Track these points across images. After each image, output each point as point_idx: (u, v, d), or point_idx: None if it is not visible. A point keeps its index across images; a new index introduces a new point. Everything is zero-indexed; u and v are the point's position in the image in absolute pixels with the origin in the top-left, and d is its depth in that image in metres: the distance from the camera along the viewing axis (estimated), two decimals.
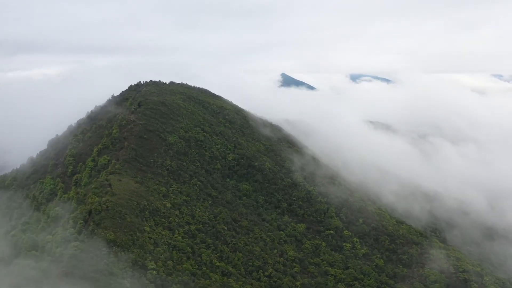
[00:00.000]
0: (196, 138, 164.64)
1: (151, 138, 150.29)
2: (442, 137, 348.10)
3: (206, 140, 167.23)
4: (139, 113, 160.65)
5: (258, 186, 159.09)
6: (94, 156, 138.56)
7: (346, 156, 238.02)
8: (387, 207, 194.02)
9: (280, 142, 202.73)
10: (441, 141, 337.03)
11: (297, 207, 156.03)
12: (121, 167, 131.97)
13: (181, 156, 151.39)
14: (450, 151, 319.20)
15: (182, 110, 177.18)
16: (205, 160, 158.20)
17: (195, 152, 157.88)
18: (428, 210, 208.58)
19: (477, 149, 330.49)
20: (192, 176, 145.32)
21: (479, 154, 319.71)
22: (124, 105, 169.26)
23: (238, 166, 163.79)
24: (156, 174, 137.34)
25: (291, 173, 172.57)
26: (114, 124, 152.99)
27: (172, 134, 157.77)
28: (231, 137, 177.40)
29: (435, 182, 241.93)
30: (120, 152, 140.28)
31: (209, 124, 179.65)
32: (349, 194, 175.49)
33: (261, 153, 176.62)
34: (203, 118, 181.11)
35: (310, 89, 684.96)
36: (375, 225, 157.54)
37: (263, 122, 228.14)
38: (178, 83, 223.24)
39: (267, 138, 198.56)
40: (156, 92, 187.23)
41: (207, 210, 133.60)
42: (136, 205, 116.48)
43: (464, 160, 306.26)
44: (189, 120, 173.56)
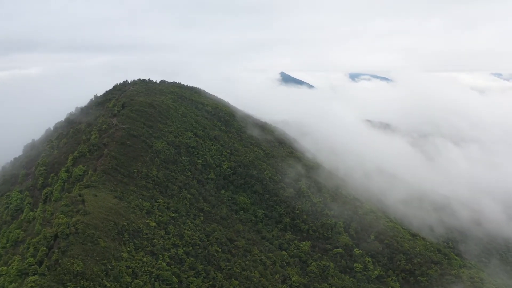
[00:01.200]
0: (187, 144, 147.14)
1: (135, 145, 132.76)
2: (443, 137, 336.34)
3: (198, 146, 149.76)
4: (123, 115, 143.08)
5: (257, 198, 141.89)
6: (69, 166, 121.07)
7: (348, 159, 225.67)
8: (396, 216, 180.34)
9: (281, 147, 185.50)
10: (443, 141, 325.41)
11: (301, 222, 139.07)
12: (99, 179, 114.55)
13: (170, 165, 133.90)
14: (454, 153, 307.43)
15: (172, 112, 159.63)
16: (197, 169, 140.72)
17: (185, 160, 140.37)
18: (438, 218, 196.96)
19: (481, 150, 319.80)
20: (182, 188, 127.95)
21: (484, 156, 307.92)
22: (106, 106, 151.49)
23: (235, 175, 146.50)
24: (140, 186, 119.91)
25: (294, 182, 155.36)
26: (93, 128, 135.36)
27: (159, 140, 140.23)
28: (227, 142, 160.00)
29: (442, 186, 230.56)
30: (99, 161, 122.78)
31: (202, 127, 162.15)
32: (358, 206, 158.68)
33: (261, 160, 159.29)
34: (196, 121, 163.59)
35: (310, 88, 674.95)
36: (388, 241, 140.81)
37: (263, 124, 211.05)
38: (169, 82, 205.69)
39: (267, 142, 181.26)
40: (143, 92, 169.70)
41: (198, 229, 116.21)
42: (113, 226, 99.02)
43: (469, 163, 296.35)
44: (180, 124, 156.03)
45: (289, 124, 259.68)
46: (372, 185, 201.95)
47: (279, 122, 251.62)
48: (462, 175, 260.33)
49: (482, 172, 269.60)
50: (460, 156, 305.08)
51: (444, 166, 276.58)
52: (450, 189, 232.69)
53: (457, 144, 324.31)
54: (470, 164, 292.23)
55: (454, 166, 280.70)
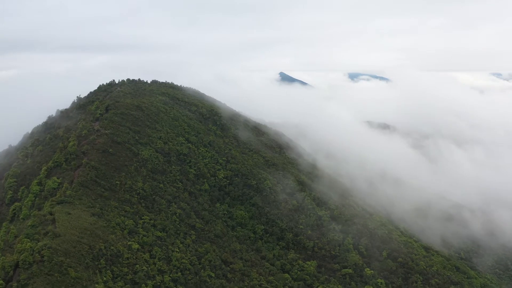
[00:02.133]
0: (178, 151, 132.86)
1: (118, 153, 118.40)
2: (445, 137, 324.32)
3: (191, 153, 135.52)
4: (106, 119, 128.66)
5: (256, 212, 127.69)
6: (42, 178, 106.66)
7: (351, 164, 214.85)
8: (404, 226, 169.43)
9: (282, 153, 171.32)
10: (446, 143, 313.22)
11: (305, 238, 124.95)
12: (74, 193, 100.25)
13: (158, 176, 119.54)
14: (458, 156, 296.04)
15: (162, 116, 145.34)
16: (189, 180, 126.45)
17: (176, 170, 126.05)
18: (449, 227, 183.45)
19: (485, 152, 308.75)
20: (171, 202, 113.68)
21: (489, 159, 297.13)
22: (88, 109, 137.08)
23: (231, 185, 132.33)
24: (122, 201, 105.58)
25: (297, 193, 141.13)
26: (72, 134, 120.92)
27: (146, 147, 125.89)
28: (223, 148, 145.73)
29: (449, 192, 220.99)
30: (76, 172, 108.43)
31: (196, 132, 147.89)
32: (367, 218, 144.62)
33: (260, 168, 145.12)
34: (189, 125, 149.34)
35: (309, 88, 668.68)
36: (403, 259, 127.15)
37: (262, 128, 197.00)
38: (161, 82, 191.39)
39: (268, 148, 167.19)
40: (131, 93, 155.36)
41: (188, 250, 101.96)
42: (87, 251, 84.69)
43: (474, 166, 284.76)
44: (170, 128, 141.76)
45: (289, 126, 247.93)
46: (378, 193, 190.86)
47: (279, 125, 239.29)
48: (468, 180, 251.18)
49: (488, 176, 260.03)
50: (464, 159, 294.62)
51: (449, 169, 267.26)
52: (457, 195, 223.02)
53: (460, 146, 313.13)
54: (475, 168, 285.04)
55: (459, 170, 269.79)
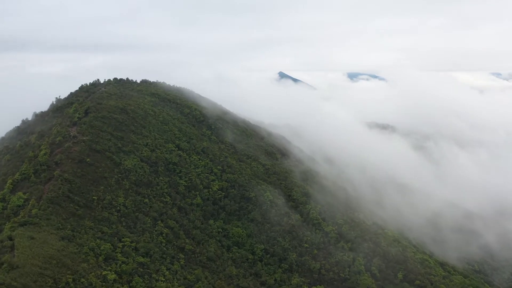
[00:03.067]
0: (167, 160, 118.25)
1: (97, 163, 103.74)
2: (446, 138, 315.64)
3: (181, 162, 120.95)
4: (84, 124, 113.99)
5: (255, 229, 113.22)
6: (5, 193, 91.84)
7: (353, 168, 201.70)
8: (415, 238, 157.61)
9: (283, 158, 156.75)
10: (448, 145, 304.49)
11: (310, 259, 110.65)
12: (42, 212, 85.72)
13: (142, 189, 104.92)
14: (462, 158, 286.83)
15: (149, 119, 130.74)
16: (178, 193, 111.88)
17: (164, 182, 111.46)
18: (460, 238, 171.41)
19: (489, 154, 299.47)
20: (157, 220, 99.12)
21: (495, 162, 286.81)
22: (66, 112, 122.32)
23: (227, 198, 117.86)
24: (99, 220, 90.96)
25: (300, 205, 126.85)
26: (44, 141, 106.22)
27: (130, 156, 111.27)
28: (218, 155, 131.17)
29: (457, 198, 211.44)
30: (46, 186, 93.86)
31: (188, 137, 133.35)
32: (380, 234, 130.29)
33: (259, 178, 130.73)
34: (180, 130, 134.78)
35: (308, 88, 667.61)
36: (420, 282, 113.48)
37: (261, 131, 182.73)
38: (152, 82, 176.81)
39: (267, 154, 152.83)
40: (116, 94, 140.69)
41: (176, 278, 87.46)
42: (51, 286, 70.01)
43: (481, 170, 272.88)
44: (159, 133, 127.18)
45: (288, 128, 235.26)
46: (384, 201, 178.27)
47: (278, 126, 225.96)
48: (475, 184, 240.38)
49: (495, 180, 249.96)
50: (468, 161, 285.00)
51: (454, 173, 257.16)
52: (466, 201, 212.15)
53: (462, 147, 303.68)
54: (481, 171, 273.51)
55: (464, 173, 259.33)
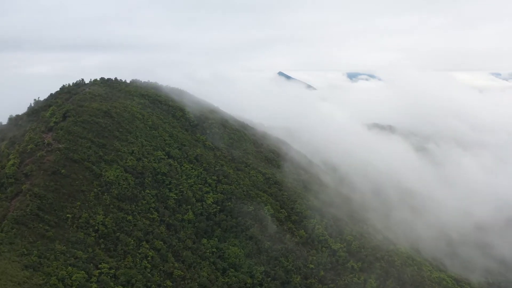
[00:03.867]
0: (155, 170, 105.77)
1: (74, 174, 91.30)
2: (447, 139, 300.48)
3: (172, 172, 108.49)
4: (61, 129, 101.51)
5: (255, 248, 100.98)
6: None
7: (357, 173, 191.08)
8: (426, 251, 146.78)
9: (285, 165, 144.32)
10: (451, 147, 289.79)
11: (317, 282, 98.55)
12: (5, 235, 73.99)
13: (126, 204, 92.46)
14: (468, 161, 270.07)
15: (137, 123, 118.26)
16: (167, 208, 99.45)
17: (151, 195, 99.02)
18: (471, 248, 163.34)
19: (493, 157, 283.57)
20: (142, 241, 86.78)
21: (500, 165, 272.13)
22: (42, 116, 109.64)
23: (223, 213, 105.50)
24: (73, 242, 78.59)
25: (305, 220, 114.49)
26: (14, 150, 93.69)
27: (113, 165, 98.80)
28: (213, 164, 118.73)
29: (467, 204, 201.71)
30: (12, 203, 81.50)
31: (180, 144, 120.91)
32: (392, 251, 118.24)
33: (259, 189, 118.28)
34: (171, 135, 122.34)
35: (308, 88, 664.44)
36: None
37: (261, 136, 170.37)
38: (143, 82, 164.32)
39: (267, 161, 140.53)
40: (101, 95, 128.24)
41: None
42: None
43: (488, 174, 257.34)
44: (147, 139, 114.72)
45: (289, 131, 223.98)
46: (392, 211, 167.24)
47: (278, 129, 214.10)
48: (484, 189, 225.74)
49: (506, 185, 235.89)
50: (473, 164, 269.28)
51: (460, 177, 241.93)
52: (475, 207, 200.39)
53: (465, 149, 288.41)
54: (489, 175, 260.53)
55: (471, 178, 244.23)
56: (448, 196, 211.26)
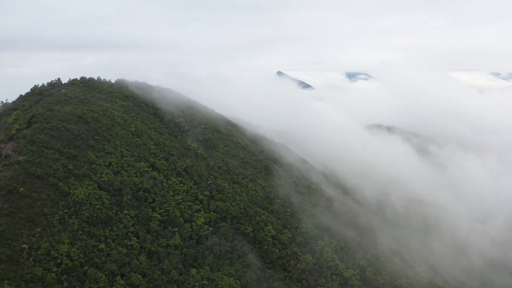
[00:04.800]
0: (136, 186, 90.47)
1: (35, 194, 76.00)
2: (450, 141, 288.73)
3: (156, 187, 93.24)
4: (24, 138, 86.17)
5: (253, 277, 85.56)
6: None
7: (362, 181, 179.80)
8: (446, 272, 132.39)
9: (288, 176, 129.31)
10: (453, 149, 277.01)
11: None
12: None
13: (98, 229, 77.15)
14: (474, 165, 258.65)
15: (117, 130, 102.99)
16: (150, 231, 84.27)
17: (130, 217, 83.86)
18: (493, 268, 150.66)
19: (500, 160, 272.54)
20: (115, 276, 71.22)
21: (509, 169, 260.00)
22: (4, 122, 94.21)
23: (216, 236, 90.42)
24: (28, 281, 63.54)
25: (312, 241, 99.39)
26: None
27: (85, 181, 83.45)
28: (205, 176, 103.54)
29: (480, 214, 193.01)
30: None
31: (167, 153, 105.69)
32: (411, 276, 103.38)
33: (259, 205, 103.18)
34: (157, 143, 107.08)
35: (307, 88, 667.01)
36: None
37: (260, 140, 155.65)
38: (132, 82, 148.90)
39: (268, 171, 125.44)
40: (78, 97, 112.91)
41: None
42: None
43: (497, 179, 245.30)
44: (129, 149, 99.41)
45: (288, 133, 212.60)
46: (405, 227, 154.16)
47: (277, 131, 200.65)
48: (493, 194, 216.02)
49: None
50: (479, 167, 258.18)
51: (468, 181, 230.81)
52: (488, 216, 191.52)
53: (468, 151, 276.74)
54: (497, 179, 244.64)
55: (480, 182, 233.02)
56: (459, 205, 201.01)
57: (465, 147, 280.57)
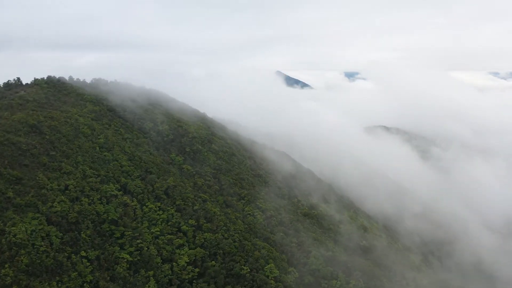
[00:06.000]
0: (99, 216, 70.67)
1: None
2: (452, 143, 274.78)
3: (127, 217, 73.59)
4: None
5: None
6: None
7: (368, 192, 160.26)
8: None
9: (292, 193, 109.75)
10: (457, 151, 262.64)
11: None
12: None
13: (42, 281, 57.40)
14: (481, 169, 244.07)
15: (81, 142, 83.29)
16: (116, 279, 64.44)
17: (88, 260, 63.82)
18: None
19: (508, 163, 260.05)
20: None
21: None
22: None
23: (203, 279, 70.74)
24: None
25: (324, 283, 79.93)
26: None
27: (28, 214, 63.70)
28: (192, 200, 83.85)
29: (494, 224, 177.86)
30: None
31: (144, 170, 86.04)
32: None
33: (258, 236, 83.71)
34: (132, 158, 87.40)
35: (306, 88, 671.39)
36: None
37: (259, 149, 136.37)
38: (111, 82, 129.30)
39: (269, 188, 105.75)
40: (37, 101, 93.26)
41: None
42: None
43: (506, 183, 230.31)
44: (94, 166, 79.68)
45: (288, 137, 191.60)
46: (425, 255, 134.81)
47: (276, 137, 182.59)
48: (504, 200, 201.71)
49: None
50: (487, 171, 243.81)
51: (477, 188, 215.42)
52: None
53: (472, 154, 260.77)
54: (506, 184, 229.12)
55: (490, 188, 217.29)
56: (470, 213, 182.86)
57: (468, 150, 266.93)
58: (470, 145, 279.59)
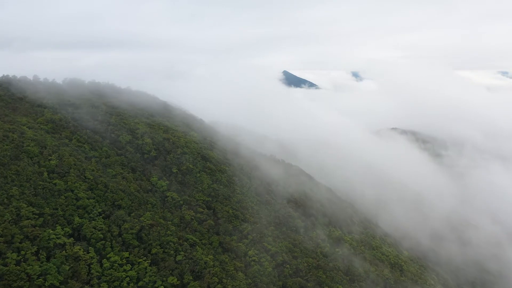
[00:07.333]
0: (32, 282, 47.86)
1: None
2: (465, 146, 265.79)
3: (79, 277, 50.78)
4: None
5: None
6: None
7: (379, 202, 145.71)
8: None
9: (310, 225, 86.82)
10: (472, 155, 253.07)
11: None
12: None
13: None
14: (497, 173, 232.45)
15: (22, 166, 61.08)
16: None
17: None
18: None
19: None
20: None
21: None
22: None
23: None
24: None
25: None
26: None
27: None
28: (175, 247, 61.13)
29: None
30: None
31: (111, 203, 63.56)
32: None
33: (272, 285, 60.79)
34: (93, 187, 64.83)
35: (314, 88, 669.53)
36: None
37: (265, 164, 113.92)
38: (90, 82, 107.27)
39: (277, 223, 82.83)
40: None
41: None
42: None
43: None
44: (36, 201, 57.11)
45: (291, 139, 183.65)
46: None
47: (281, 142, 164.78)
48: None
49: None
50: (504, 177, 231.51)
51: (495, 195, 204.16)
52: None
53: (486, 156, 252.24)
54: None
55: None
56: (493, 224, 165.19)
57: (481, 153, 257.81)
58: (482, 148, 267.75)
